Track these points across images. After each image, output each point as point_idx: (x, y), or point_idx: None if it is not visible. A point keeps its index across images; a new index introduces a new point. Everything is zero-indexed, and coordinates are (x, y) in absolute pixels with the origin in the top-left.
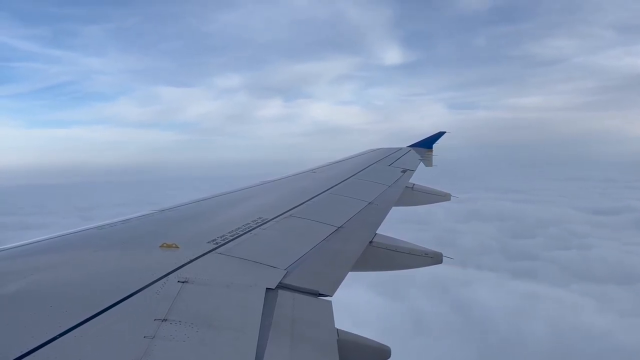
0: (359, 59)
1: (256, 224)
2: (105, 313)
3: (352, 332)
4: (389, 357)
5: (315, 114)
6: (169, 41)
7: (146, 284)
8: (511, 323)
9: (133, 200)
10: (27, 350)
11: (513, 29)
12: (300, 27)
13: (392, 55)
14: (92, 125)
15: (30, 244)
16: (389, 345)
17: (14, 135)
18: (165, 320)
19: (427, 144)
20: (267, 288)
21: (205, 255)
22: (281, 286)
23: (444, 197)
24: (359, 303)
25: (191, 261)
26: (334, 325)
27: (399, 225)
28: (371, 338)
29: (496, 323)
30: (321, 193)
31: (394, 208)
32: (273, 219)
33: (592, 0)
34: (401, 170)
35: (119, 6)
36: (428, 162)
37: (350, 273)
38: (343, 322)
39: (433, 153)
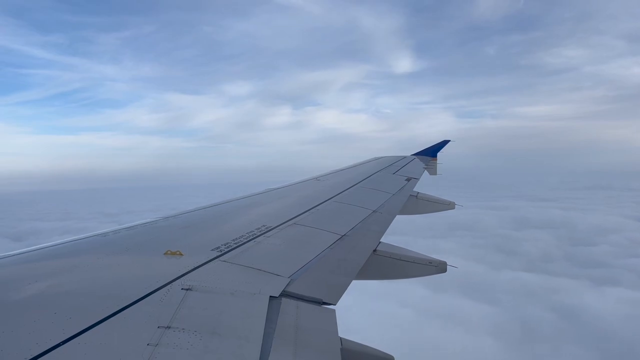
0: (368, 67)
1: (260, 231)
2: (109, 320)
3: (357, 341)
4: None
5: (324, 122)
6: (183, 49)
7: (150, 291)
8: (632, 329)
9: (157, 205)
10: (31, 357)
11: (523, 38)
12: (312, 36)
13: (402, 63)
14: (105, 131)
15: (35, 250)
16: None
17: (26, 142)
18: (168, 327)
19: (431, 152)
20: (270, 296)
21: (209, 263)
22: (285, 294)
23: (448, 205)
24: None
25: (195, 268)
26: (337, 333)
27: (449, 232)
28: (375, 347)
29: (616, 329)
30: (325, 201)
31: (398, 216)
32: (277, 226)
33: (603, 9)
34: (405, 179)
35: (137, 14)
36: (432, 171)
37: (354, 281)
38: (347, 330)
39: (437, 161)
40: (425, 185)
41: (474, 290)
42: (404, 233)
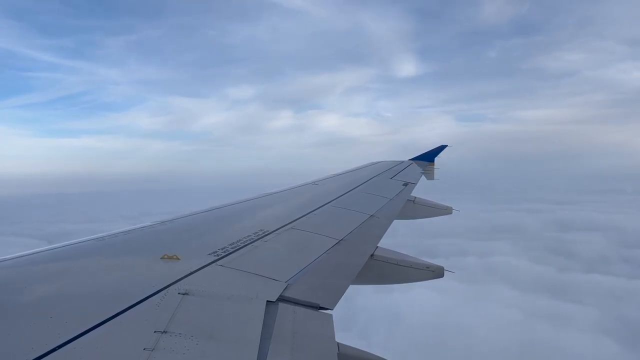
0: (370, 71)
1: (257, 236)
2: (105, 324)
3: (354, 346)
4: None
5: (326, 125)
6: (188, 52)
7: (147, 295)
8: None
9: (169, 208)
10: None
11: (525, 42)
12: (316, 40)
13: (403, 67)
14: (106, 134)
15: (32, 254)
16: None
17: (25, 144)
18: (165, 332)
19: (428, 157)
20: (267, 301)
21: (206, 267)
22: (282, 299)
23: (445, 210)
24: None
25: (192, 273)
26: (334, 338)
27: (495, 234)
28: (373, 352)
29: None
30: (323, 205)
31: (395, 221)
32: (274, 231)
33: (605, 14)
34: (403, 184)
35: (144, 18)
36: (430, 176)
37: (351, 286)
38: (344, 335)
39: (435, 166)
40: (426, 190)
41: (560, 292)
42: (448, 235)
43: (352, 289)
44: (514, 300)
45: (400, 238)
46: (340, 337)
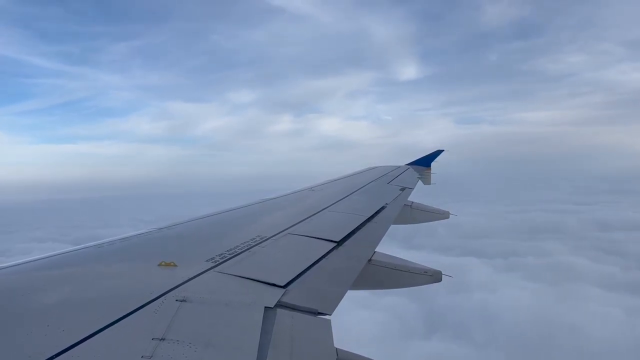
0: (370, 74)
1: (255, 242)
2: (103, 332)
3: (353, 351)
4: None
5: (326, 129)
6: (190, 58)
7: (144, 302)
8: None
9: (175, 213)
10: None
11: (525, 45)
12: (317, 44)
13: (403, 70)
14: (106, 140)
15: (28, 262)
16: None
17: (28, 151)
18: (163, 339)
19: (425, 162)
20: (265, 307)
21: (204, 274)
22: (280, 305)
23: (442, 215)
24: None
25: (189, 280)
26: (333, 344)
27: (534, 234)
28: (371, 357)
29: None
30: (320, 211)
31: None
32: (272, 237)
33: (604, 15)
34: (400, 188)
35: (148, 23)
36: (426, 180)
37: (350, 291)
38: (343, 341)
39: (431, 171)
40: (431, 194)
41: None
42: (490, 236)
43: (428, 290)
44: (604, 299)
45: (441, 240)
46: (439, 337)
